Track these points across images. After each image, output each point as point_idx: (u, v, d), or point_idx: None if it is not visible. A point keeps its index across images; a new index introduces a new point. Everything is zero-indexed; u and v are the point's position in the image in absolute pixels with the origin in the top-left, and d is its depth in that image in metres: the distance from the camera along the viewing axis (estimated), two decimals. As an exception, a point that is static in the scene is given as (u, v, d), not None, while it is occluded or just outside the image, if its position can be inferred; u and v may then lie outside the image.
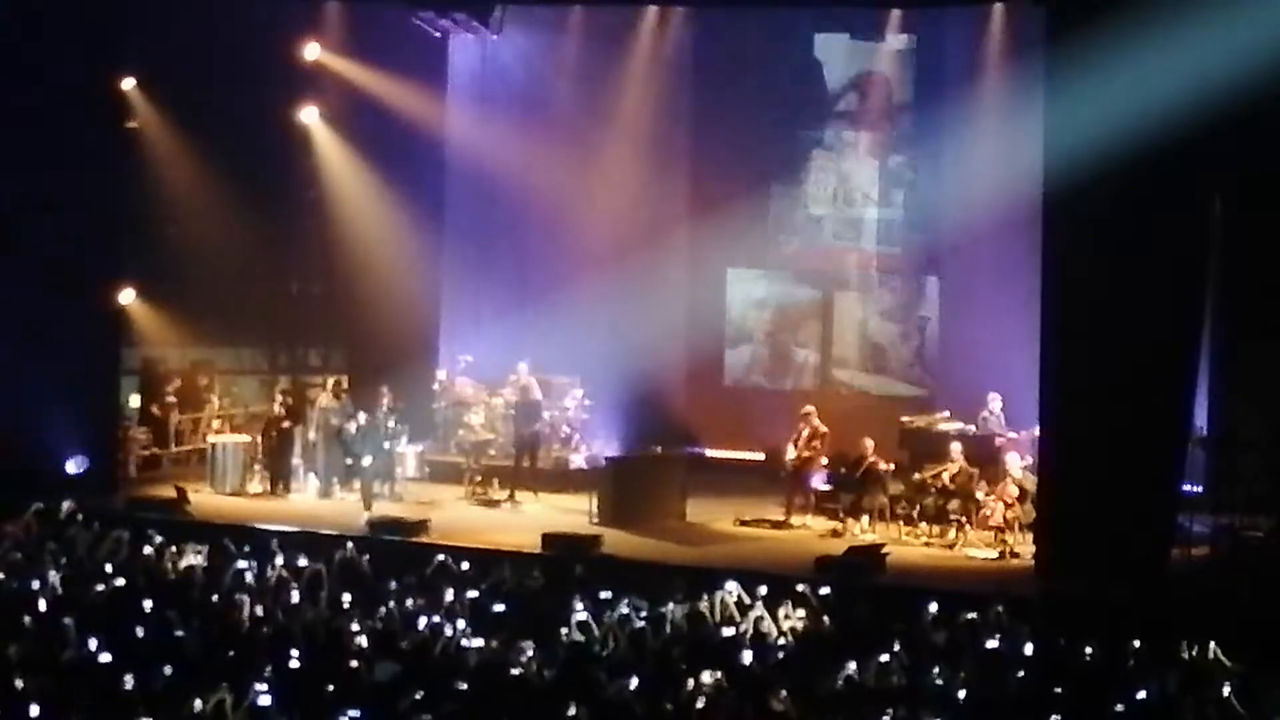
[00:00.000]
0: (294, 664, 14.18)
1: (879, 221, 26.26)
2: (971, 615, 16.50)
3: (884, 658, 14.65)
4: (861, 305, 26.52)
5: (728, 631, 15.87)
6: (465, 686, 13.72)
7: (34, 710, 12.75)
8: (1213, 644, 15.37)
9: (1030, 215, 20.71)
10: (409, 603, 16.52)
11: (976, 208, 24.07)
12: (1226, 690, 13.93)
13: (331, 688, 13.52)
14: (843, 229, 26.50)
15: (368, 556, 18.72)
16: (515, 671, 14.21)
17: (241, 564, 17.71)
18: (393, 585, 17.43)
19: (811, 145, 26.65)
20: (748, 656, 14.88)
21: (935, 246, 25.54)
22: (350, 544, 19.17)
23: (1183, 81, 18.38)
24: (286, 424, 24.13)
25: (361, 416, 23.25)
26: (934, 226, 25.40)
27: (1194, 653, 15.40)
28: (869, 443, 22.55)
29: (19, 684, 13.25)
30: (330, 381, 24.92)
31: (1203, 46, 18.37)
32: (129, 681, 13.15)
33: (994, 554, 20.91)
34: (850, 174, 26.53)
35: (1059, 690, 14.24)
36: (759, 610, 16.49)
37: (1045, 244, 20.09)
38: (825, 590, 17.44)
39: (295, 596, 16.75)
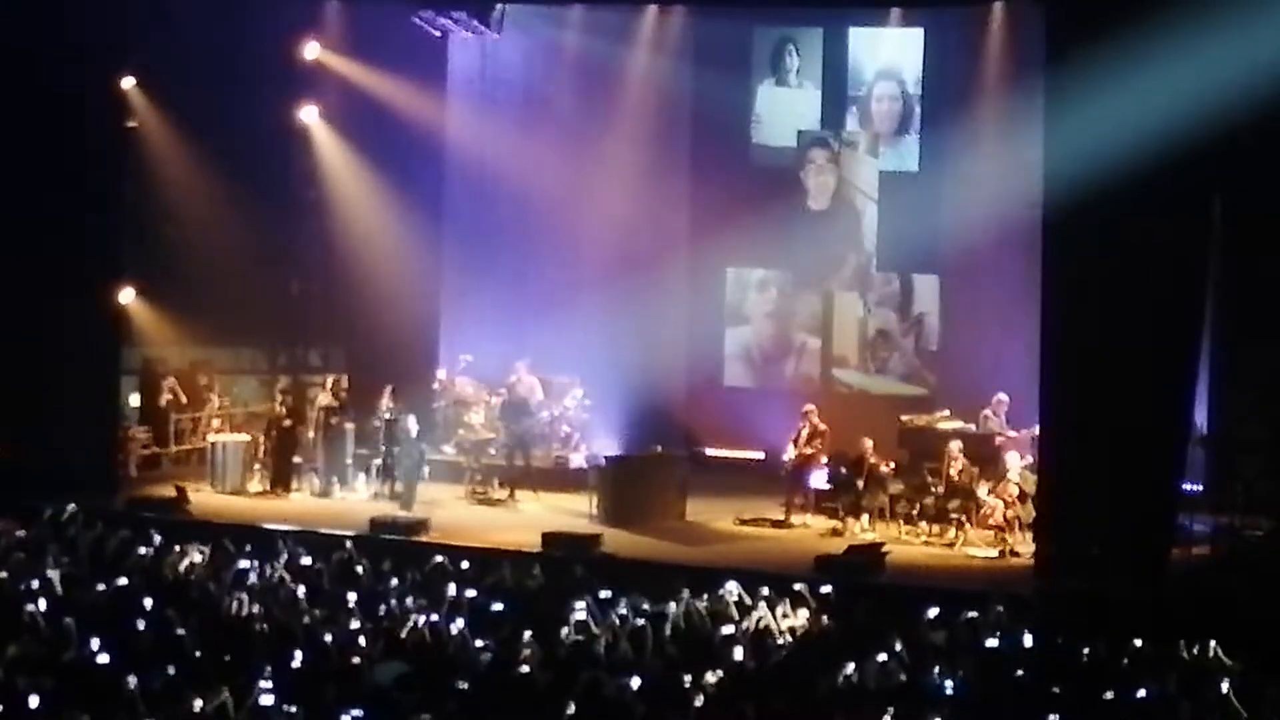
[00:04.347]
0: (295, 664, 14.19)
1: (879, 220, 26.23)
2: (971, 614, 16.50)
3: (883, 657, 14.65)
4: (861, 303, 26.48)
5: (727, 631, 15.86)
6: (465, 686, 13.72)
7: (33, 701, 12.78)
8: (1213, 644, 15.38)
9: (1031, 214, 20.70)
10: (409, 602, 16.51)
11: (977, 206, 24.06)
12: (1226, 690, 13.94)
13: (333, 688, 13.52)
14: (843, 227, 26.47)
15: (368, 556, 18.72)
16: (515, 671, 14.22)
17: (243, 564, 17.71)
18: (393, 584, 17.42)
19: (812, 143, 26.64)
20: (748, 656, 14.89)
21: (936, 245, 25.48)
22: (350, 543, 19.21)
23: (1183, 83, 18.38)
24: (288, 423, 24.16)
25: (412, 418, 23.19)
26: (934, 225, 25.36)
27: (1194, 652, 15.40)
28: (868, 442, 22.57)
29: (19, 684, 13.27)
30: (329, 381, 24.94)
31: (1203, 49, 18.36)
32: (131, 682, 13.15)
33: (994, 553, 20.93)
34: (851, 172, 26.51)
35: (1058, 690, 14.25)
36: (759, 610, 16.50)
37: (1046, 243, 20.10)
38: (825, 589, 17.44)
39: (295, 596, 16.74)
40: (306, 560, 18.18)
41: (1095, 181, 18.90)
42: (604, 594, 16.87)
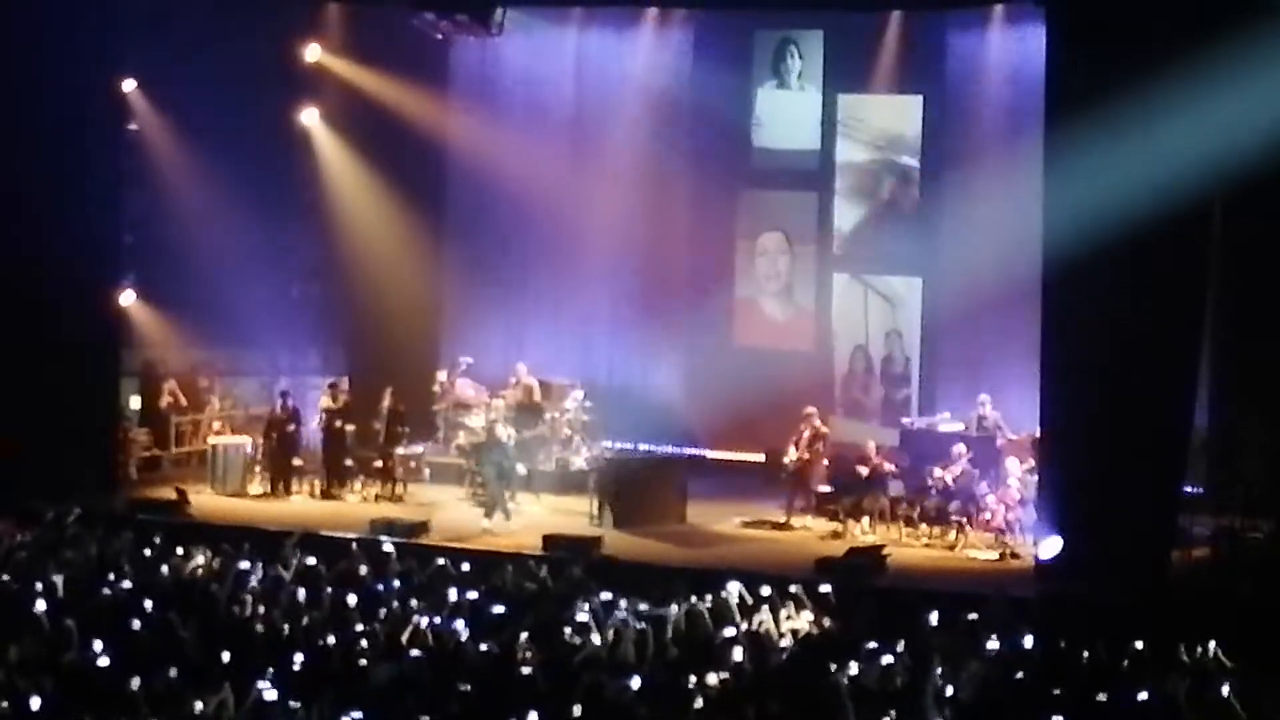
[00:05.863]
0: (296, 666, 14.19)
1: (880, 219, 26.24)
2: (972, 616, 16.51)
3: (885, 659, 14.66)
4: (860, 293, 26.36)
5: (728, 633, 15.86)
6: (467, 688, 13.73)
7: (35, 703, 12.80)
8: (1213, 644, 15.39)
9: (1030, 218, 20.69)
10: (411, 604, 16.51)
11: (975, 208, 24.07)
12: (1226, 690, 13.95)
13: (334, 689, 13.53)
14: (842, 222, 26.49)
15: (369, 558, 18.72)
16: (516, 673, 14.22)
17: (244, 565, 17.71)
18: (395, 586, 17.42)
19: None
20: (749, 658, 14.89)
21: (935, 243, 25.45)
22: (354, 545, 19.23)
23: (1183, 92, 18.43)
24: (289, 426, 24.16)
25: (500, 426, 23.18)
26: (933, 223, 25.36)
27: (1194, 653, 15.41)
28: (871, 444, 22.57)
29: (21, 686, 13.28)
30: (330, 384, 24.94)
31: (1206, 57, 18.41)
32: (133, 683, 13.15)
33: (994, 555, 20.94)
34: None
35: (1059, 691, 14.26)
36: (760, 612, 16.50)
37: (1045, 244, 20.09)
38: (826, 591, 17.44)
39: (296, 598, 16.73)
40: (309, 561, 18.17)
41: (1096, 184, 18.94)
42: (605, 596, 16.87)
